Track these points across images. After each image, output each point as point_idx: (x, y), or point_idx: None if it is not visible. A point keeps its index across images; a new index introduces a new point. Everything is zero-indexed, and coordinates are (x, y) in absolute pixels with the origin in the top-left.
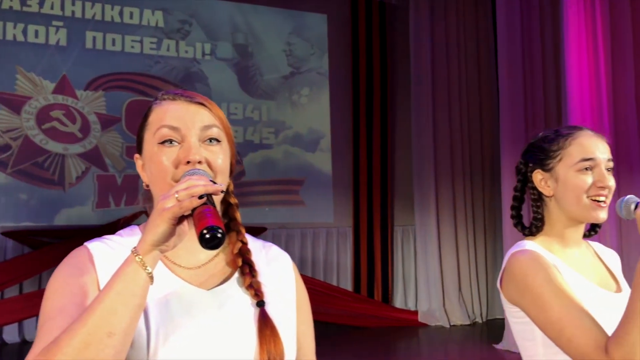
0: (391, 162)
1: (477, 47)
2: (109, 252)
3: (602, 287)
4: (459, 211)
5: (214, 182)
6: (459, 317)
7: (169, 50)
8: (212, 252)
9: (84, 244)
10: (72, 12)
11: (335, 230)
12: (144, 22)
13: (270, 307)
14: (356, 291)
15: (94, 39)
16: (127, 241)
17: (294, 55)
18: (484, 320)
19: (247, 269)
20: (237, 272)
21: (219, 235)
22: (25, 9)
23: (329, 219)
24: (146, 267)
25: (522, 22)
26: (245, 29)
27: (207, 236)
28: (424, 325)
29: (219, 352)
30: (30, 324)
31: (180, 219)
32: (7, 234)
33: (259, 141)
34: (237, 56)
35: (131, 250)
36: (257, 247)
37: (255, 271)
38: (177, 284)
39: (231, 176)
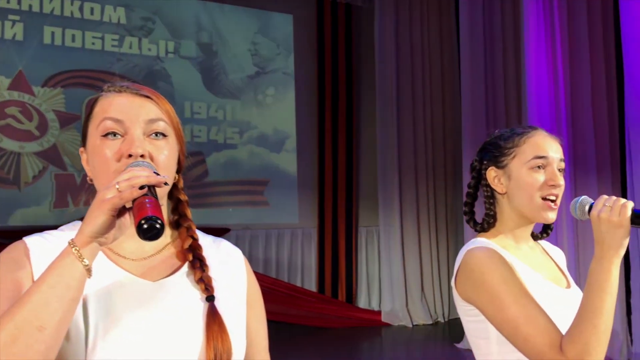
0: (356, 163)
1: (441, 49)
2: (46, 246)
3: (554, 283)
4: (422, 212)
5: (158, 175)
6: (421, 317)
7: (131, 47)
8: (159, 244)
9: (22, 238)
10: (30, 6)
11: (300, 231)
12: (106, 19)
13: (220, 303)
14: (320, 292)
15: (53, 34)
16: (67, 235)
17: (259, 55)
18: (446, 319)
19: (198, 263)
20: (186, 265)
21: (158, 225)
22: None
23: (293, 219)
24: (83, 259)
25: (484, 23)
26: (210, 28)
27: (145, 226)
28: (387, 325)
29: (163, 346)
30: None
31: (121, 211)
32: None
33: (223, 141)
34: (202, 55)
35: (68, 242)
36: (208, 242)
37: (206, 266)
38: (119, 276)
39: (180, 172)
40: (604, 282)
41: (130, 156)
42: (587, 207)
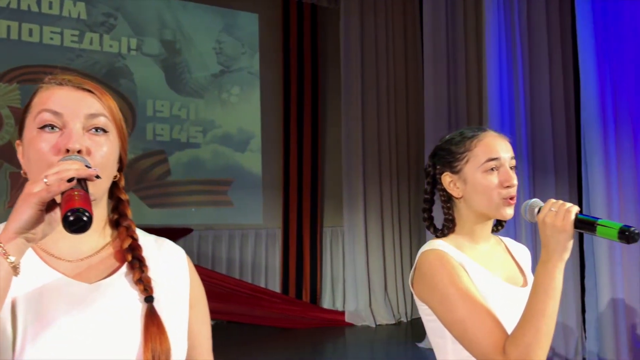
0: (321, 164)
1: (406, 51)
2: None
3: (508, 282)
4: (386, 213)
5: (90, 168)
6: (384, 317)
7: (92, 43)
8: (97, 244)
9: None
10: None
11: (264, 231)
12: (65, 13)
13: (159, 304)
14: (284, 293)
15: (9, 28)
16: None
17: (224, 53)
18: (409, 319)
19: (137, 264)
20: (124, 266)
21: (85, 218)
22: None
23: (257, 220)
24: (8, 256)
25: (447, 25)
26: (173, 25)
27: (71, 219)
28: (351, 325)
29: (98, 349)
30: None
31: (51, 206)
32: None
33: (186, 140)
34: (165, 52)
35: None
36: (150, 242)
37: (145, 266)
38: (52, 277)
39: (122, 171)
40: (547, 285)
41: (68, 151)
42: (536, 210)
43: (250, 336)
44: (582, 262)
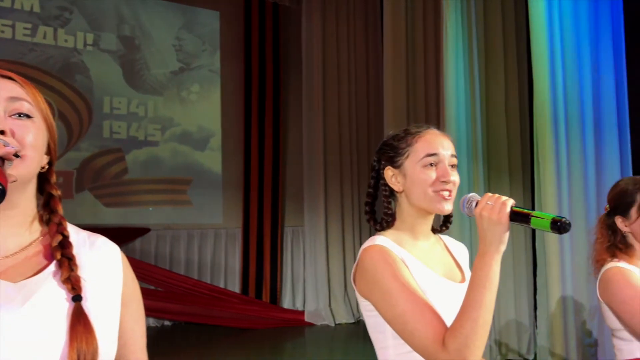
0: (282, 163)
1: (367, 51)
2: None
3: (446, 278)
4: (347, 212)
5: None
6: (343, 316)
7: (45, 37)
8: (24, 241)
9: None
10: None
11: (224, 231)
12: (17, 6)
13: (89, 303)
14: (244, 293)
15: None
16: None
17: (184, 50)
18: None
19: (65, 262)
20: (52, 264)
21: None
22: None
23: (217, 219)
24: None
25: (406, 25)
26: (132, 21)
27: None
28: (311, 324)
29: (19, 349)
30: None
31: None
32: None
33: (143, 138)
34: (123, 48)
35: None
36: (82, 239)
37: (75, 265)
38: None
39: (52, 165)
40: (484, 278)
41: None
42: (473, 204)
43: (209, 337)
44: (534, 260)
